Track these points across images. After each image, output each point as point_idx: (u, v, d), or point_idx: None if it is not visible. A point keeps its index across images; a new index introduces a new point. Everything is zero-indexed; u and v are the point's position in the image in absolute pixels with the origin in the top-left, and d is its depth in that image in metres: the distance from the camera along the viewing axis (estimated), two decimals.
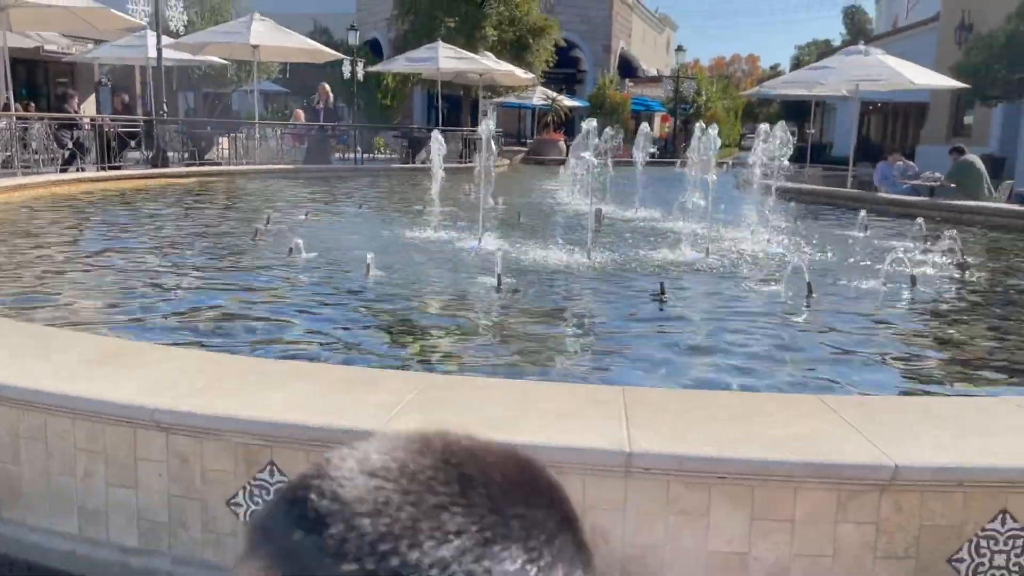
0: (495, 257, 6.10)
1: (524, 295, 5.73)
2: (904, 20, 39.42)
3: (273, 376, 3.00)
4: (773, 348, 4.41)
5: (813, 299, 5.69)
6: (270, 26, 18.31)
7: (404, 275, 6.39)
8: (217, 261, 6.77)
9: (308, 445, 2.56)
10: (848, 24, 61.54)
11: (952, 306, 5.82)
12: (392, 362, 3.97)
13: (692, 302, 5.66)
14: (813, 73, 16.24)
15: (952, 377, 3.97)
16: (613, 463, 2.37)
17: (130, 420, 2.72)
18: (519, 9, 27.19)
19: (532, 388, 3.03)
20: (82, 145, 14.22)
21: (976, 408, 2.89)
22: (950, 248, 7.40)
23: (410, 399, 2.74)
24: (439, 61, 20.63)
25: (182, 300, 5.26)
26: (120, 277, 5.98)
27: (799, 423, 2.63)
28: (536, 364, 4.04)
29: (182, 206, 11.18)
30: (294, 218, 9.96)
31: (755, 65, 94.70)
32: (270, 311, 4.99)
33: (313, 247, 7.30)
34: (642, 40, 52.37)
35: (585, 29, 40.73)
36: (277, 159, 18.44)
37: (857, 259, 7.55)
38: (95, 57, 21.89)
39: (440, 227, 8.82)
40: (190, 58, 20.78)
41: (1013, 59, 19.93)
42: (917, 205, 12.35)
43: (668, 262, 7.35)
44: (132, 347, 3.36)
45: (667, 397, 2.93)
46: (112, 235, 8.15)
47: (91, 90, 26.32)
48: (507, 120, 39.51)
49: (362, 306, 5.30)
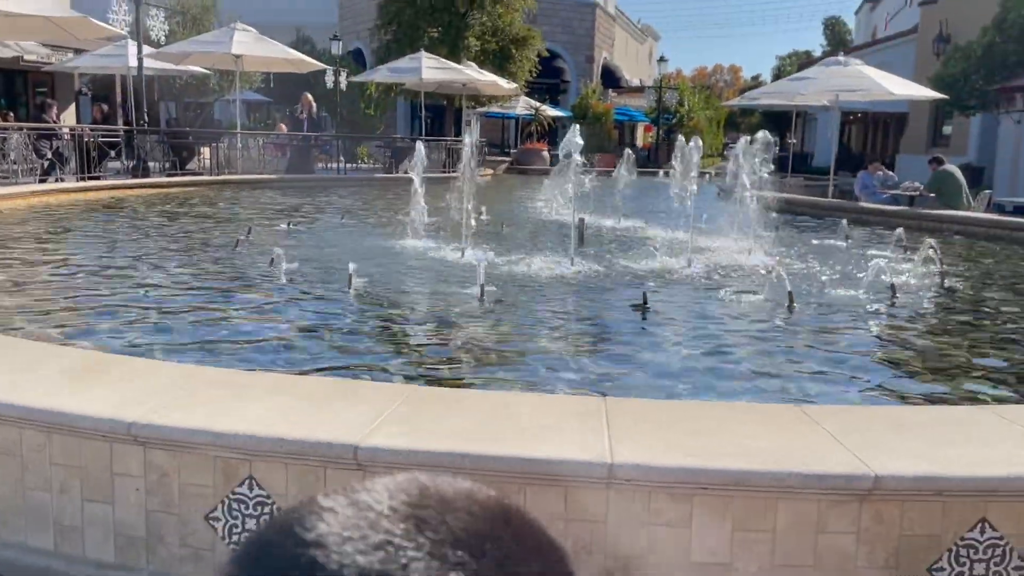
0: (478, 267, 6.09)
1: (507, 305, 5.72)
2: (883, 32, 39.89)
3: (252, 389, 2.97)
4: (754, 358, 4.42)
5: (794, 309, 5.72)
6: (252, 36, 18.27)
7: (386, 285, 6.37)
8: (197, 272, 6.71)
9: (287, 459, 2.54)
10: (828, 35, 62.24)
11: (931, 315, 5.87)
12: (373, 373, 3.94)
13: (674, 312, 5.67)
14: (794, 84, 16.39)
15: (930, 386, 3.99)
16: (595, 475, 2.36)
17: (106, 434, 2.68)
18: (502, 20, 27.29)
19: (514, 399, 3.02)
20: (61, 155, 14.10)
21: (954, 418, 2.91)
22: (930, 257, 7.46)
23: (390, 411, 2.72)
24: (422, 71, 20.65)
25: (160, 312, 5.21)
26: (97, 288, 5.92)
27: (780, 434, 2.63)
28: (518, 374, 4.04)
29: (162, 216, 11.09)
30: (276, 228, 9.92)
31: (737, 75, 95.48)
32: (250, 322, 4.96)
33: (295, 258, 7.27)
34: (624, 51, 52.68)
35: (568, 40, 40.93)
36: (259, 169, 18.37)
37: (838, 268, 7.60)
38: (75, 67, 21.73)
39: (423, 237, 8.80)
40: (171, 68, 20.68)
41: (990, 70, 20.21)
42: (897, 215, 12.46)
43: (650, 272, 7.37)
44: (108, 360, 3.32)
45: (649, 407, 2.93)
46: (89, 246, 8.07)
47: (71, 100, 26.12)
48: (491, 130, 39.57)
49: (344, 317, 5.27)
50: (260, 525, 2.53)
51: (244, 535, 2.58)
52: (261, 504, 2.57)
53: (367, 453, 2.46)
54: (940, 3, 27.40)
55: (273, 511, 2.57)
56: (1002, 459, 2.44)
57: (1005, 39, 19.78)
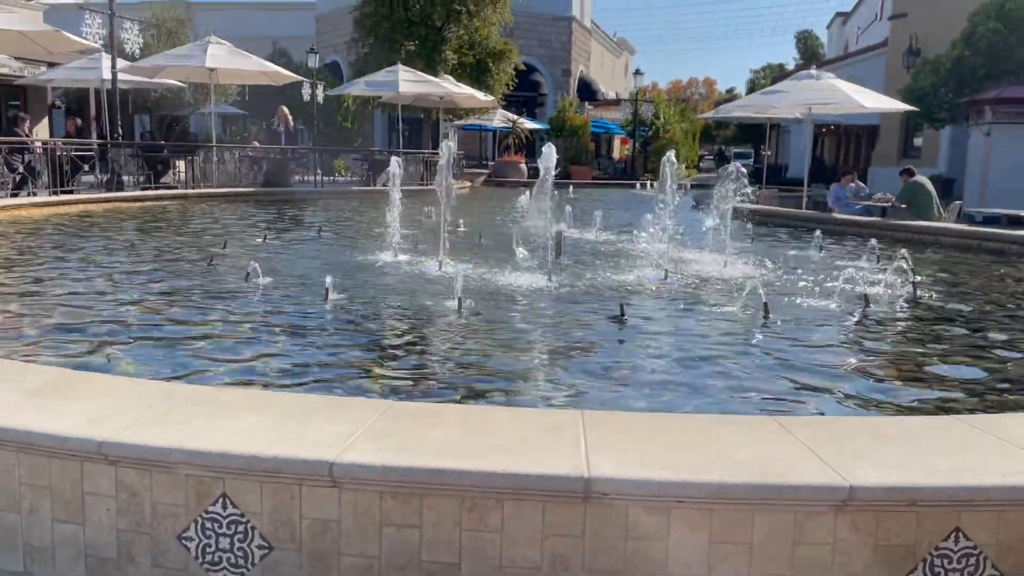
0: (455, 280, 6.09)
1: (485, 318, 5.71)
2: (855, 45, 40.53)
3: (226, 405, 2.94)
4: (730, 369, 4.44)
5: (770, 319, 5.77)
6: (227, 49, 18.20)
7: (364, 299, 6.34)
8: (170, 287, 6.64)
9: (262, 476, 2.51)
10: (801, 49, 63.20)
11: (904, 325, 5.94)
12: (350, 389, 3.92)
13: (651, 324, 5.69)
14: (767, 97, 16.58)
15: (904, 395, 4.03)
16: (572, 489, 2.36)
17: (76, 453, 2.64)
18: (479, 33, 27.40)
19: (491, 413, 3.01)
20: (33, 169, 13.93)
21: (928, 427, 2.94)
22: (902, 268, 7.55)
23: (367, 427, 2.70)
24: (399, 84, 20.66)
25: (132, 327, 5.14)
26: (67, 304, 5.83)
27: (756, 445, 2.64)
28: (496, 387, 4.02)
29: (135, 231, 10.99)
30: (252, 242, 9.86)
31: (712, 88, 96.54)
32: (225, 338, 4.91)
33: (271, 272, 7.23)
34: (601, 64, 53.07)
35: (544, 53, 41.18)
36: (235, 182, 18.27)
37: (813, 279, 7.67)
38: (48, 80, 21.53)
39: (400, 250, 8.78)
40: (146, 81, 20.54)
41: (959, 83, 20.58)
42: (870, 225, 12.63)
43: (628, 284, 7.40)
44: (79, 377, 3.26)
45: (626, 420, 2.93)
46: (60, 260, 7.97)
47: (44, 113, 25.86)
48: (468, 142, 39.68)
49: (320, 331, 5.23)
50: (234, 544, 2.51)
51: (217, 555, 2.55)
52: (235, 523, 2.54)
53: (343, 470, 2.44)
54: (910, 17, 27.89)
55: (248, 529, 2.54)
56: (975, 468, 2.46)
57: (974, 52, 20.17)
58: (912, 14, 27.67)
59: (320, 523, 2.50)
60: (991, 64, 20.07)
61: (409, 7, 26.33)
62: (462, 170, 27.53)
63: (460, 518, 2.42)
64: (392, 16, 26.26)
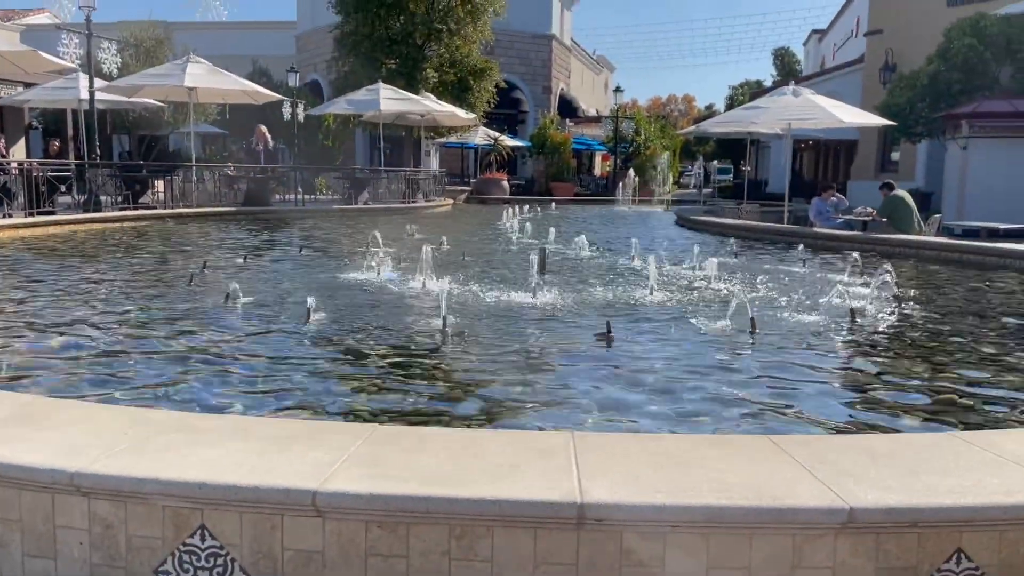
0: (440, 298, 6.01)
1: (470, 337, 5.64)
2: (831, 61, 41.01)
3: (204, 432, 2.84)
4: (720, 386, 4.39)
5: (757, 335, 5.73)
6: (206, 68, 18.12)
7: (346, 319, 6.25)
8: (148, 309, 6.51)
9: (241, 506, 2.42)
10: (778, 65, 63.91)
11: (891, 339, 5.91)
12: (333, 413, 3.83)
13: (637, 341, 5.63)
14: (747, 113, 16.68)
15: (895, 412, 3.99)
16: (564, 515, 2.28)
17: (47, 485, 2.53)
18: (459, 51, 27.44)
19: (479, 437, 2.93)
20: (8, 190, 13.73)
21: (924, 445, 2.89)
22: (885, 281, 7.56)
23: (350, 454, 2.61)
24: (380, 102, 20.63)
25: (108, 352, 5.02)
26: (40, 328, 5.69)
27: (751, 466, 2.58)
28: (483, 408, 3.95)
29: (112, 251, 10.83)
30: (232, 262, 9.74)
31: (691, 105, 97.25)
32: (203, 361, 4.79)
33: (251, 292, 7.12)
34: (581, 81, 53.38)
35: (525, 71, 41.35)
36: (215, 202, 18.13)
37: (798, 294, 7.65)
38: (24, 100, 21.30)
39: (383, 269, 8.69)
40: (124, 100, 20.38)
41: (935, 98, 20.84)
42: (852, 239, 12.69)
43: (613, 300, 7.35)
44: (50, 404, 3.15)
45: (617, 442, 2.86)
46: (34, 283, 7.81)
47: (21, 133, 25.58)
48: (450, 160, 39.70)
49: (302, 354, 5.13)
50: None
51: None
52: (214, 555, 2.44)
53: (326, 499, 2.35)
54: (885, 33, 28.28)
55: (227, 562, 2.44)
56: (974, 487, 2.41)
57: (950, 68, 20.43)
58: (887, 31, 28.07)
59: (303, 554, 2.40)
60: (967, 79, 20.35)
61: (390, 26, 26.34)
62: (444, 187, 27.49)
63: (449, 547, 2.34)
64: (373, 35, 26.25)
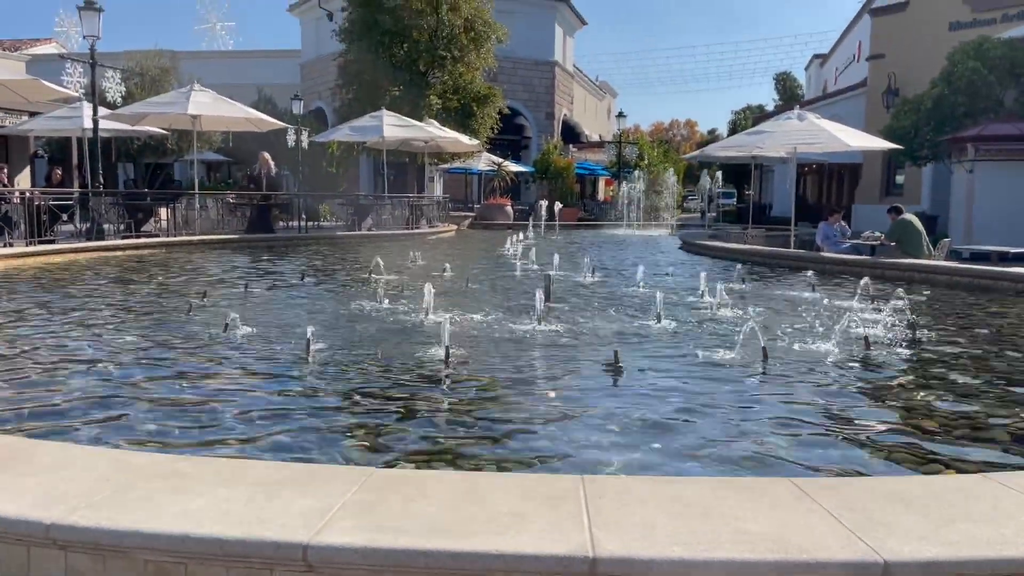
0: (442, 328, 5.86)
1: (473, 368, 5.47)
2: (833, 86, 41.07)
3: (192, 478, 2.67)
4: (732, 420, 4.22)
5: (768, 365, 5.56)
6: (210, 96, 18.14)
7: (347, 350, 6.09)
8: (144, 340, 6.36)
9: (228, 561, 2.25)
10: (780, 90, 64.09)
11: (908, 368, 5.73)
12: (330, 452, 3.66)
13: (647, 372, 5.46)
14: (752, 137, 16.58)
15: (920, 449, 3.81)
16: (575, 571, 2.11)
17: (22, 537, 2.38)
18: (463, 78, 27.53)
19: (482, 481, 2.76)
20: (10, 219, 13.66)
21: (955, 488, 2.71)
22: (899, 308, 7.39)
23: (345, 501, 2.45)
24: (384, 129, 20.63)
25: (97, 385, 4.86)
26: (30, 360, 5.54)
27: (774, 513, 2.41)
28: (486, 446, 3.78)
29: (112, 280, 10.71)
30: (233, 291, 9.61)
31: (693, 130, 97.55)
32: (196, 396, 4.63)
33: (251, 321, 6.97)
34: (584, 107, 53.60)
35: (528, 97, 41.53)
36: (218, 229, 18.06)
37: (809, 320, 7.48)
38: (29, 129, 21.36)
39: (385, 296, 8.56)
40: (128, 129, 20.41)
41: (940, 121, 20.77)
42: (860, 264, 12.52)
43: (620, 329, 7.19)
44: (30, 446, 3.00)
45: (629, 486, 2.68)
46: (30, 313, 7.67)
47: (26, 162, 25.65)
48: (454, 185, 39.73)
49: (299, 387, 4.97)
50: None
51: None
52: None
53: (318, 552, 2.19)
54: (887, 58, 28.31)
55: None
56: (1017, 537, 2.24)
57: (954, 91, 20.37)
58: (890, 55, 28.10)
59: None
60: (971, 102, 20.28)
61: (394, 54, 26.45)
62: (448, 213, 27.44)
63: None
64: (377, 62, 26.36)
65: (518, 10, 37.60)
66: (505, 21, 29.41)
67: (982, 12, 25.40)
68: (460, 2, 26.57)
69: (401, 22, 26.03)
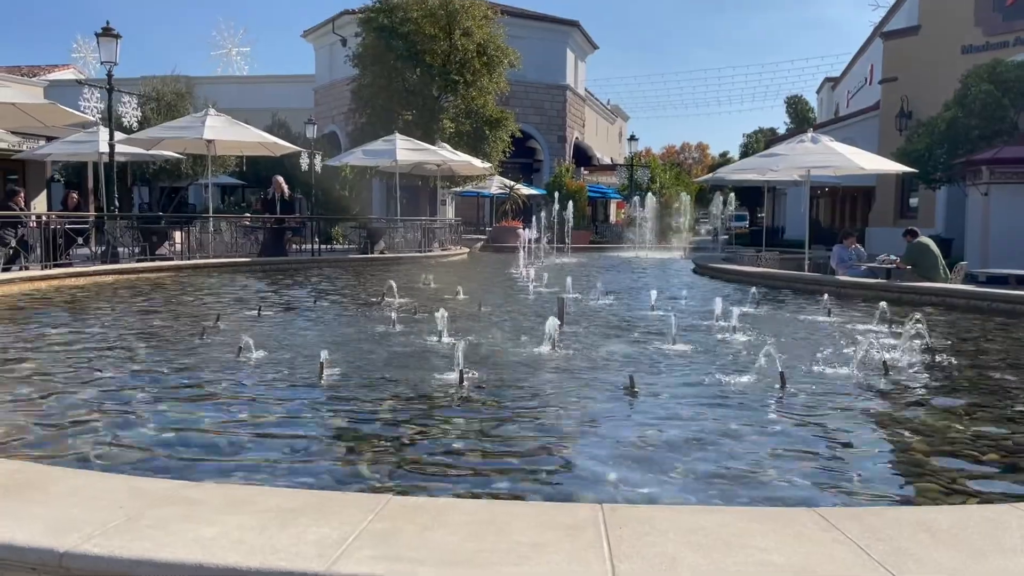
0: (456, 351, 5.82)
1: (488, 393, 5.43)
2: (845, 109, 41.10)
3: (202, 505, 2.64)
4: (752, 448, 4.15)
5: (787, 390, 5.49)
6: (225, 120, 18.31)
7: (360, 374, 6.06)
8: (157, 364, 6.35)
9: None
10: (791, 113, 64.19)
11: (928, 393, 5.65)
12: (345, 478, 3.62)
13: (663, 397, 5.40)
14: (765, 160, 16.56)
15: (943, 475, 3.73)
16: None
17: (35, 566, 2.34)
18: (475, 102, 27.69)
19: (499, 510, 2.71)
20: (26, 243, 13.77)
21: (985, 518, 2.64)
22: (917, 332, 7.31)
23: (361, 530, 2.41)
24: (396, 153, 20.73)
25: (109, 409, 4.85)
26: (41, 385, 5.53)
27: (799, 544, 2.35)
28: (503, 471, 3.73)
29: (125, 303, 10.74)
30: (246, 314, 9.61)
31: (705, 153, 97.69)
32: (209, 422, 4.60)
33: (264, 345, 6.96)
34: (595, 130, 53.81)
35: (540, 120, 41.73)
36: (232, 252, 18.14)
37: (826, 344, 7.40)
38: (46, 154, 21.62)
39: (398, 320, 8.54)
40: (143, 153, 20.61)
41: (954, 144, 20.70)
42: (876, 287, 12.43)
43: (635, 352, 7.14)
44: (42, 473, 2.97)
45: (649, 516, 2.63)
46: (41, 337, 7.68)
47: (43, 187, 25.93)
48: (466, 208, 39.88)
49: (313, 412, 4.94)
50: None
51: None
52: None
53: None
54: (900, 80, 28.30)
55: None
56: None
57: (967, 114, 20.32)
58: (902, 78, 28.11)
59: None
60: (985, 125, 20.23)
61: (407, 78, 26.66)
62: (460, 236, 27.50)
63: None
64: (390, 87, 26.58)
65: (530, 35, 37.91)
66: (517, 46, 29.63)
67: (994, 35, 25.41)
68: (473, 27, 26.80)
69: (414, 47, 26.27)
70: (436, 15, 26.41)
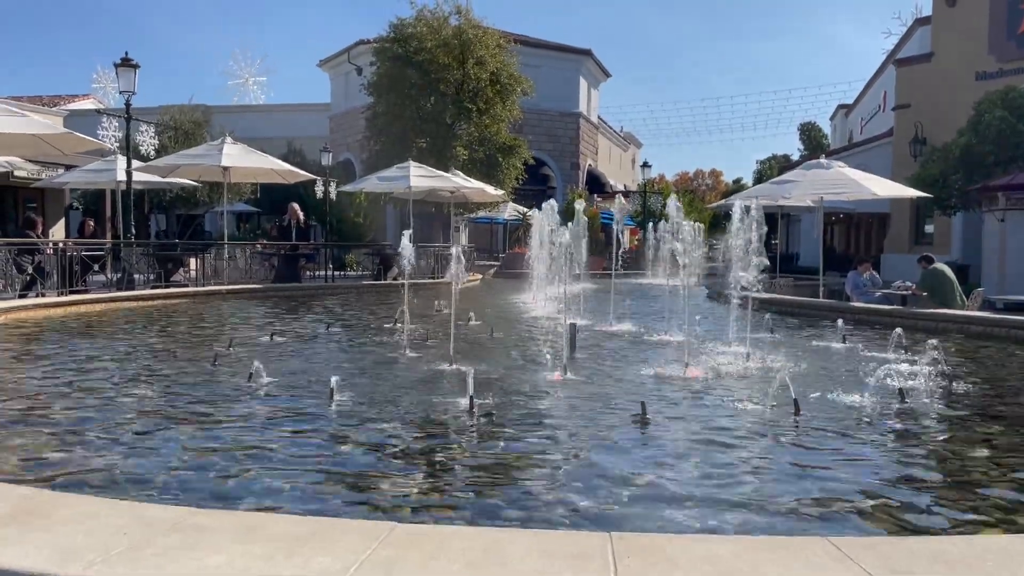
0: (467, 377, 5.80)
1: (498, 419, 5.40)
2: (859, 135, 41.08)
3: (208, 532, 2.62)
4: (764, 474, 4.09)
5: (801, 417, 5.42)
6: (241, 148, 18.51)
7: (370, 400, 6.04)
8: (168, 390, 6.36)
9: None
10: (805, 140, 64.20)
11: (945, 422, 5.56)
12: (353, 504, 3.59)
13: (675, 424, 5.35)
14: (779, 187, 16.52)
15: (959, 504, 3.66)
16: None
17: None
18: (488, 129, 27.85)
19: (506, 537, 2.68)
20: (43, 270, 13.90)
21: (998, 549, 2.58)
22: (933, 359, 7.22)
23: (364, 560, 2.38)
24: (410, 180, 20.84)
25: (120, 434, 4.85)
26: (51, 411, 5.53)
27: (812, 574, 2.30)
28: (512, 500, 3.69)
29: (141, 330, 10.80)
30: (258, 340, 9.63)
31: (718, 179, 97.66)
32: (217, 447, 4.59)
33: (275, 371, 6.97)
34: (608, 157, 53.99)
35: (553, 148, 41.92)
36: (247, 279, 18.25)
37: (841, 371, 7.33)
38: (64, 182, 21.91)
39: (411, 346, 8.53)
40: (160, 181, 20.84)
41: (969, 170, 20.61)
42: (892, 314, 12.32)
43: (647, 379, 7.09)
44: (48, 499, 2.96)
45: (658, 545, 2.59)
46: (55, 364, 7.71)
47: (61, 214, 26.26)
48: (479, 235, 39.98)
49: (322, 437, 4.92)
50: None
51: None
52: None
53: None
54: (913, 107, 28.28)
55: None
56: None
57: (982, 140, 20.24)
58: (915, 104, 28.09)
59: None
60: (1000, 151, 20.13)
61: (421, 106, 26.89)
62: (473, 263, 27.55)
63: None
64: (404, 115, 26.80)
65: (543, 64, 38.21)
66: (530, 74, 29.85)
67: (1007, 62, 25.39)
68: (486, 56, 27.04)
69: (428, 76, 26.51)
70: (450, 44, 26.68)
